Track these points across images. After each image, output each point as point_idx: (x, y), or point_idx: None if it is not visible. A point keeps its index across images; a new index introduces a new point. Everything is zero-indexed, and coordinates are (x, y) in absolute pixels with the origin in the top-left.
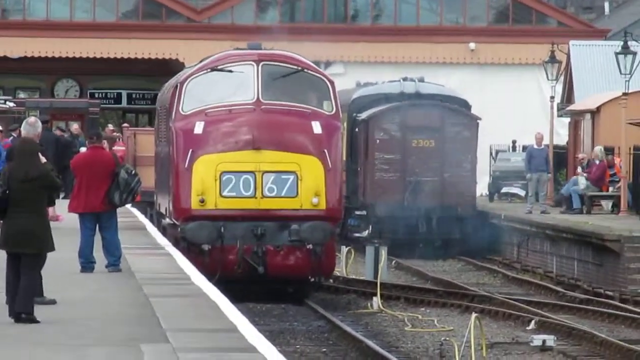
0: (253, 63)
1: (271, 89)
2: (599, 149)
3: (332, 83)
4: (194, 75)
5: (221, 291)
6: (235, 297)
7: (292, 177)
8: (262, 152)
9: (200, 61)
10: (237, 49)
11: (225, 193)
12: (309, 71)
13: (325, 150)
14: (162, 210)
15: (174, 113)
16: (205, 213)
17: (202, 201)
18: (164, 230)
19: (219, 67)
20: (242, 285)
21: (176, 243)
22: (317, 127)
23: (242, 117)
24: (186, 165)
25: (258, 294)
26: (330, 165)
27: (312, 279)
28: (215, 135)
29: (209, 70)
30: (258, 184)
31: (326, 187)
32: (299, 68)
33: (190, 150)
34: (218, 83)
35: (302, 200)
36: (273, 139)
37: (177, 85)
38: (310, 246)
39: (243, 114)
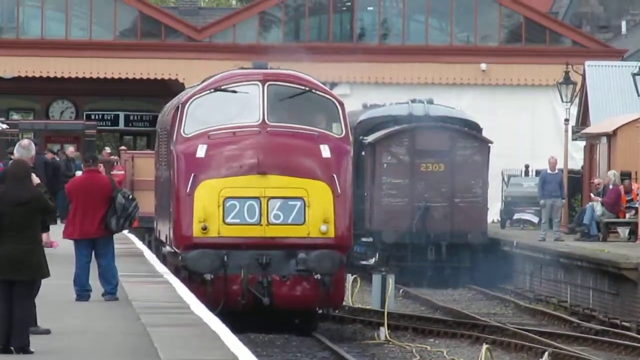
0: (258, 83)
1: (277, 110)
2: (612, 172)
3: (341, 104)
4: (197, 96)
5: (222, 321)
6: (237, 327)
7: (299, 203)
8: (268, 177)
9: (203, 81)
10: (242, 68)
11: (228, 220)
12: (317, 92)
13: (335, 175)
14: (162, 238)
15: (175, 135)
16: (208, 241)
17: (205, 228)
18: (164, 259)
19: (222, 87)
20: (245, 316)
21: (177, 272)
22: (325, 151)
23: (247, 140)
24: (188, 191)
25: (261, 324)
26: (339, 191)
27: (320, 311)
28: (219, 159)
29: (212, 90)
30: (263, 210)
31: (335, 214)
32: (307, 88)
33: (192, 174)
34: (222, 104)
35: (310, 228)
36: (279, 163)
37: (178, 107)
38: (318, 276)
39: (248, 137)
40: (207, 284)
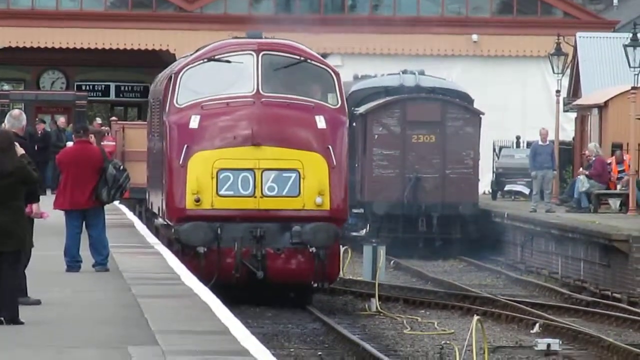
0: (253, 53)
1: (272, 80)
2: (593, 145)
3: (337, 75)
4: (190, 66)
5: (213, 292)
6: (227, 298)
7: (294, 175)
8: (262, 149)
9: (196, 50)
10: (236, 37)
11: (222, 192)
12: (313, 62)
13: (330, 147)
14: (155, 210)
15: (167, 106)
16: (201, 213)
17: (198, 200)
18: (156, 231)
19: (216, 57)
20: (238, 289)
21: (170, 245)
22: (321, 122)
23: (241, 111)
24: (181, 162)
25: (254, 297)
26: (334, 163)
27: (315, 284)
28: (212, 130)
29: (205, 60)
30: (257, 182)
31: (330, 186)
32: (302, 58)
33: (185, 145)
34: (215, 74)
35: (305, 200)
36: (274, 134)
37: (171, 76)
38: (313, 249)
39: (242, 107)
40: (200, 257)
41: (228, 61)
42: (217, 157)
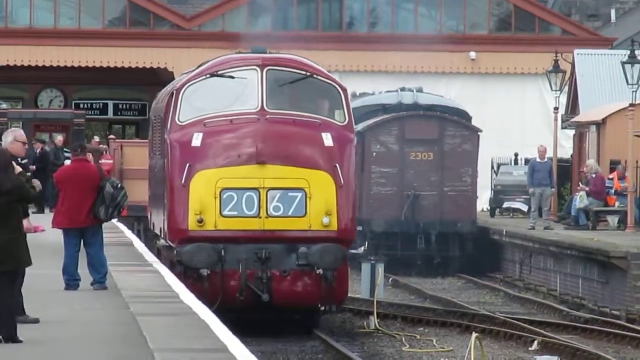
0: (257, 68)
1: (277, 96)
2: (592, 161)
3: (344, 90)
4: (192, 82)
5: (213, 312)
6: (228, 318)
7: (300, 194)
8: (267, 167)
9: (199, 66)
10: (240, 52)
11: (225, 212)
12: (319, 77)
13: (337, 165)
14: (157, 231)
15: (169, 123)
16: (204, 234)
17: (201, 221)
18: (158, 252)
19: (219, 73)
20: (242, 312)
21: (172, 267)
22: (327, 139)
23: (245, 128)
24: (183, 181)
25: (259, 319)
26: (342, 181)
27: (323, 307)
28: (215, 148)
29: (208, 75)
30: (262, 202)
31: (338, 206)
32: (308, 74)
33: (187, 164)
34: (218, 90)
35: (312, 220)
36: (279, 152)
37: (173, 93)
38: (320, 271)
39: (246, 125)
40: (204, 280)
41: (231, 77)
42: (221, 176)
